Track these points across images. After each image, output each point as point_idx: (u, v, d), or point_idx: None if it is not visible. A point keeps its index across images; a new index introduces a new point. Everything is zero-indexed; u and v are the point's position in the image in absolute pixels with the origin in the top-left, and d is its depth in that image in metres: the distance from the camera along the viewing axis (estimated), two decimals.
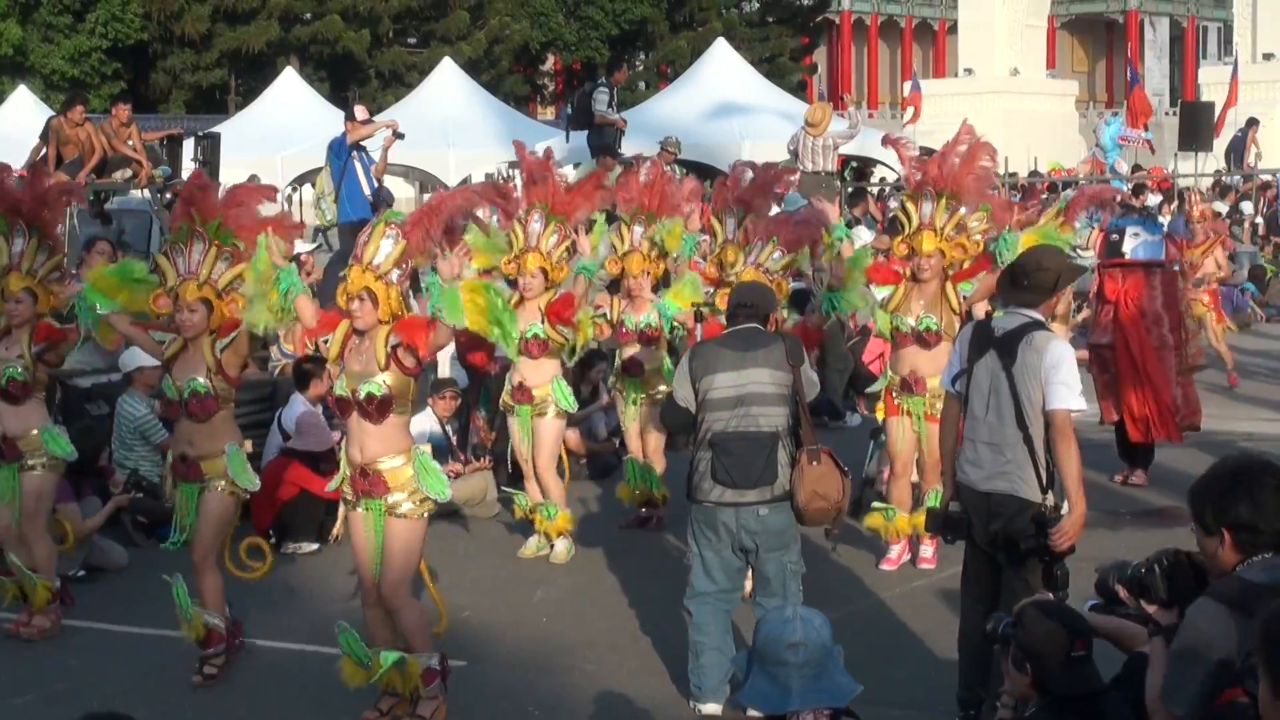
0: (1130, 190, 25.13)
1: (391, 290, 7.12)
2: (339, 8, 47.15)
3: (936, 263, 9.66)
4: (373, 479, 7.20)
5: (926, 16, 68.54)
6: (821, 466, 7.20)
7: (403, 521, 7.22)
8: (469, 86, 33.51)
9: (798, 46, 55.75)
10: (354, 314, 7.15)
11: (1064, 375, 6.54)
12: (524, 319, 9.95)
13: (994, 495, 6.69)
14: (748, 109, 28.12)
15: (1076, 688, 4.87)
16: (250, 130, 31.35)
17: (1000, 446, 6.66)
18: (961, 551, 6.89)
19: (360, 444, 7.23)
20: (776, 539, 7.28)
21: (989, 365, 6.69)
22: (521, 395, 10.25)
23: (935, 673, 8.08)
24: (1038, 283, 6.74)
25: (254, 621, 9.08)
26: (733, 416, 7.24)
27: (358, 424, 7.20)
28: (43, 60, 44.26)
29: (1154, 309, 11.95)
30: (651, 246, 11.01)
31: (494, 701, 7.84)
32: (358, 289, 7.13)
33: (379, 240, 7.18)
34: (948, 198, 9.71)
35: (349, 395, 7.20)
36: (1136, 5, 64.28)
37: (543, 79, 56.59)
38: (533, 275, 10.10)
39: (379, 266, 7.13)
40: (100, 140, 16.63)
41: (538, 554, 10.35)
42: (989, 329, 6.81)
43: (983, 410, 6.71)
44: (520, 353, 10.10)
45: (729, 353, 7.34)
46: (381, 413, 7.13)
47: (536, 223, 10.14)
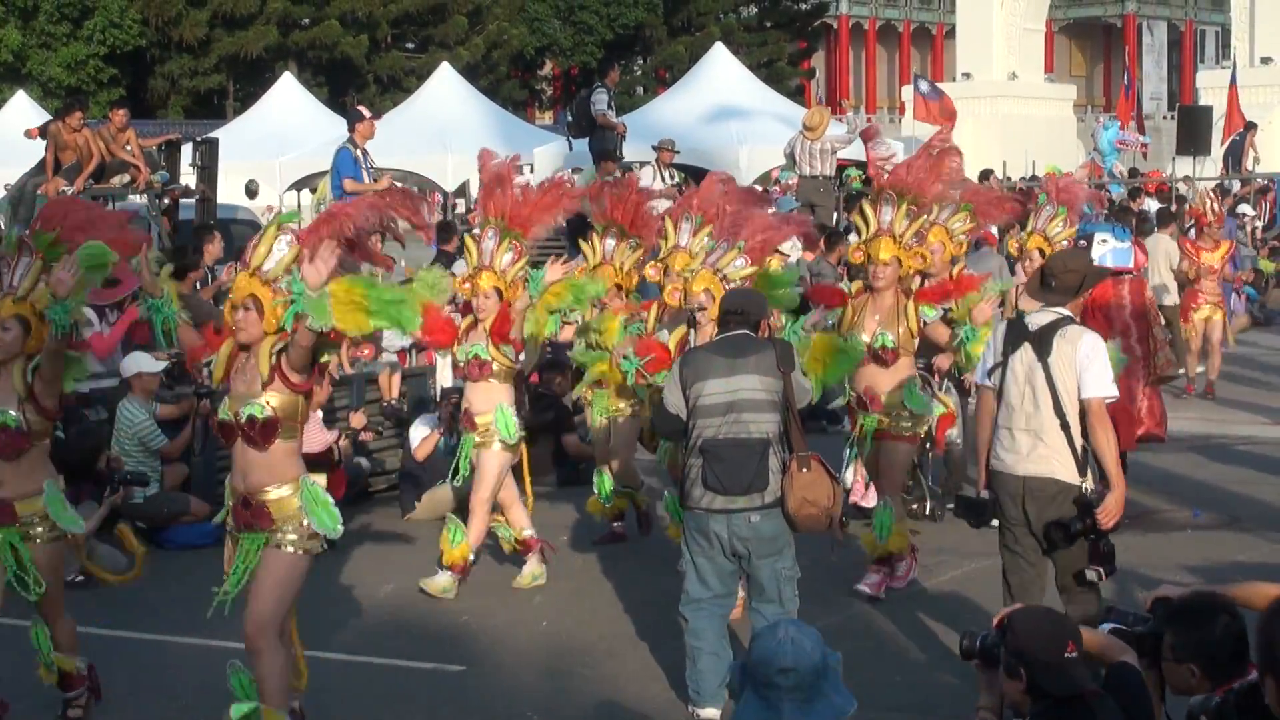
0: (1126, 195, 25.13)
1: (279, 298, 6.54)
2: (337, 13, 47.22)
3: (892, 271, 9.29)
4: (256, 510, 6.64)
5: (924, 21, 68.56)
6: (811, 473, 7.20)
7: (283, 555, 6.65)
8: (467, 92, 33.51)
9: (795, 51, 55.82)
10: (238, 324, 6.62)
11: (1098, 365, 7.09)
12: (471, 340, 9.58)
13: (1030, 479, 7.14)
14: (746, 113, 28.11)
15: (1069, 688, 4.89)
16: (248, 135, 31.35)
17: (1038, 433, 7.11)
18: (953, 557, 6.92)
19: (244, 471, 6.67)
20: (769, 545, 7.27)
21: (1025, 358, 7.16)
22: (467, 421, 9.73)
23: (932, 677, 8.08)
24: (1064, 284, 7.26)
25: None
26: (723, 423, 7.23)
27: (241, 450, 6.65)
28: (40, 67, 44.28)
29: (1122, 318, 11.60)
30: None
31: (493, 706, 7.84)
32: (242, 296, 6.58)
33: (270, 244, 6.60)
34: (909, 203, 9.36)
35: (231, 419, 6.64)
36: (1134, 9, 64.32)
37: (540, 84, 56.64)
38: (486, 295, 9.49)
39: (267, 272, 6.55)
40: (98, 145, 16.62)
41: (534, 584, 9.87)
42: (1023, 325, 7.27)
43: (1019, 400, 7.16)
44: (466, 375, 9.67)
45: (720, 359, 7.33)
46: (265, 437, 6.56)
47: (490, 239, 9.56)
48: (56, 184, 16.30)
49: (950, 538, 10.70)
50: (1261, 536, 10.68)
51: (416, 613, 9.36)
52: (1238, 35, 39.54)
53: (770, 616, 7.14)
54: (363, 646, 8.72)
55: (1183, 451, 13.31)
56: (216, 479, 11.44)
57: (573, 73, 53.60)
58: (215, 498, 11.23)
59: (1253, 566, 9.54)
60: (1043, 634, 4.98)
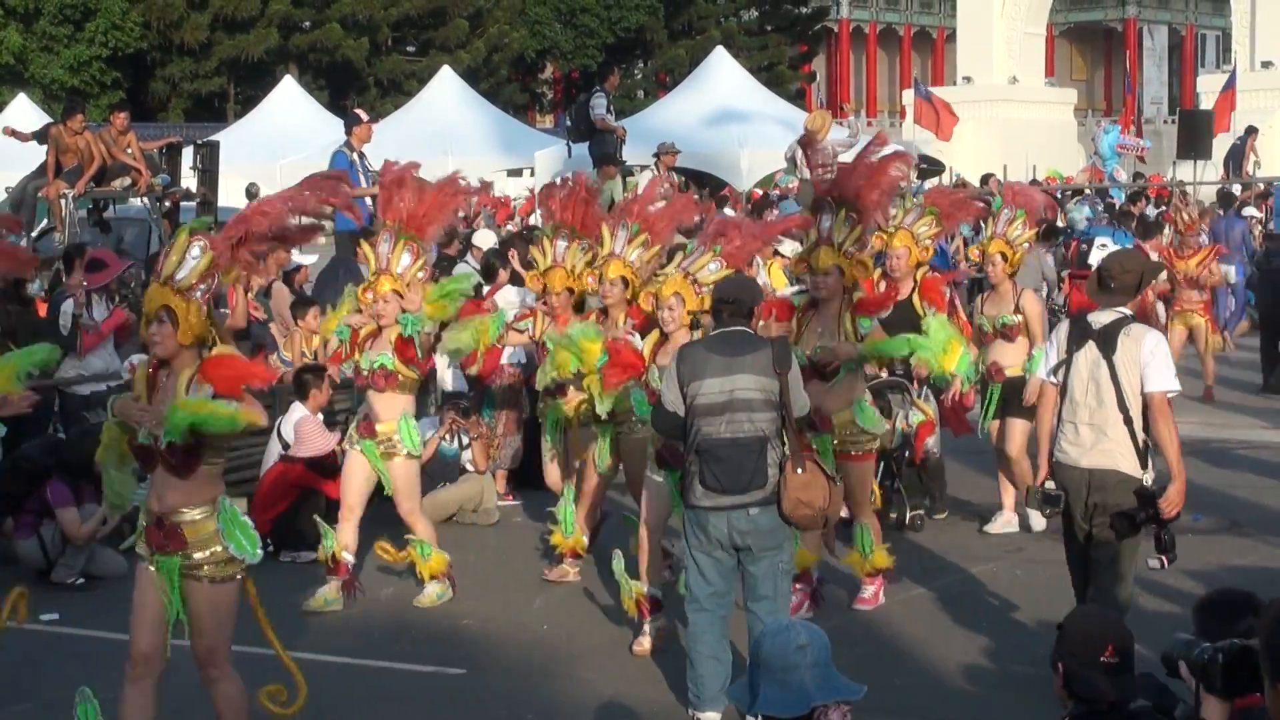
0: (1127, 199, 25.13)
1: (193, 307, 6.23)
2: (338, 16, 47.25)
3: (834, 281, 8.95)
4: (169, 531, 6.32)
5: (925, 25, 68.58)
6: (805, 474, 7.21)
7: (205, 586, 6.37)
8: (468, 95, 33.55)
9: (796, 55, 55.84)
10: (152, 338, 6.28)
11: (1160, 362, 7.43)
12: (375, 348, 9.30)
13: (1094, 471, 7.46)
14: (746, 117, 28.15)
15: (1099, 694, 4.77)
16: (249, 138, 31.41)
17: (1102, 427, 7.43)
18: (955, 561, 6.94)
19: (160, 493, 6.35)
20: (768, 538, 7.28)
21: (1089, 355, 7.46)
22: (365, 429, 9.43)
23: (935, 681, 8.08)
24: (1123, 284, 7.54)
25: (251, 630, 9.07)
26: (720, 422, 7.24)
27: (160, 472, 6.33)
28: (42, 70, 44.30)
29: None
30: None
31: (493, 709, 7.84)
32: (155, 308, 6.25)
33: (182, 251, 6.28)
34: (848, 210, 9.07)
35: (150, 444, 6.30)
36: (1135, 14, 64.32)
37: (541, 87, 56.66)
38: (386, 300, 9.21)
39: (180, 281, 6.24)
40: (99, 148, 16.64)
41: (326, 608, 9.42)
42: (1086, 324, 7.55)
43: (1083, 395, 7.47)
44: (370, 385, 9.34)
45: (716, 358, 7.31)
46: (188, 465, 6.25)
47: (386, 242, 9.30)
48: (58, 187, 16.32)
49: (952, 542, 10.71)
50: (1262, 541, 10.68)
51: (417, 616, 9.36)
52: (1238, 39, 39.55)
53: (764, 614, 7.17)
54: (363, 649, 8.73)
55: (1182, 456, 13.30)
56: None
57: (574, 76, 53.64)
58: None
59: (1253, 571, 9.54)
60: (1081, 634, 4.88)
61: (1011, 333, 10.94)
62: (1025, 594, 9.53)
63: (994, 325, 10.99)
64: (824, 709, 4.18)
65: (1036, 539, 10.89)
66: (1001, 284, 10.99)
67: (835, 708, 4.20)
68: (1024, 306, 10.95)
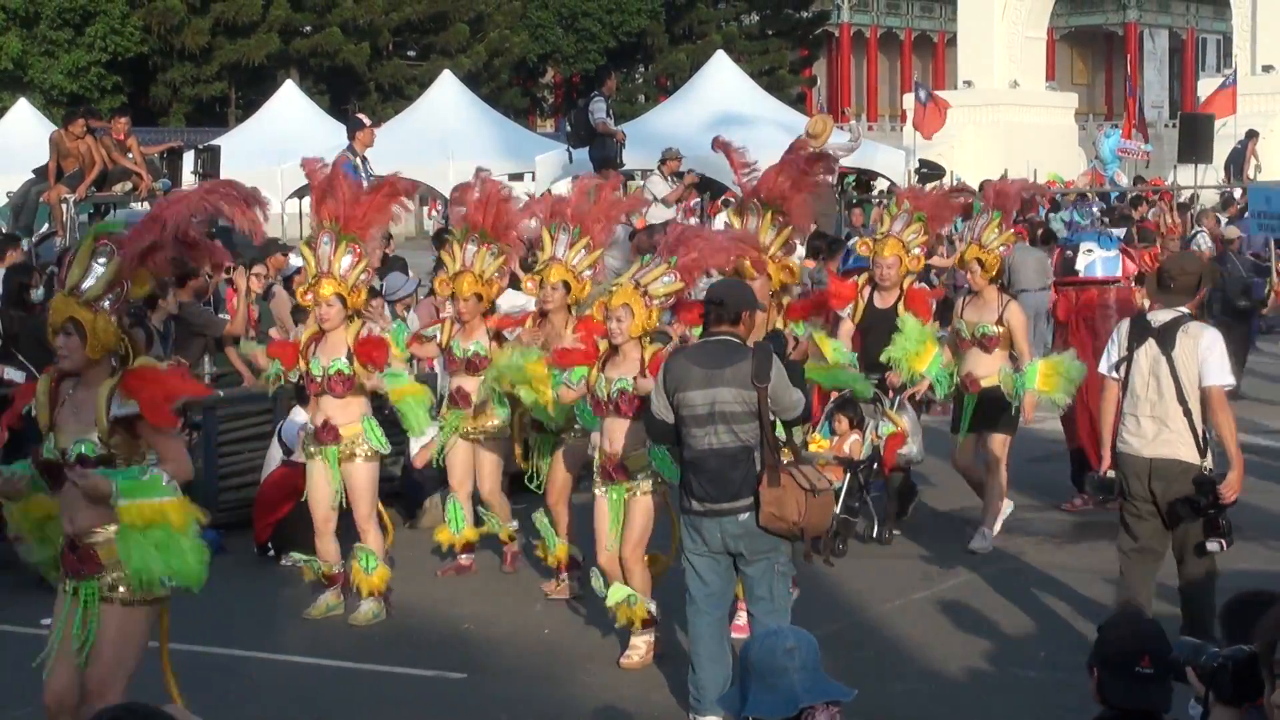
0: (1129, 203, 25.11)
1: (100, 319, 5.93)
2: (339, 20, 47.29)
3: (761, 285, 8.77)
4: (83, 554, 5.99)
5: (926, 29, 68.62)
6: (778, 489, 7.17)
7: (115, 609, 6.00)
8: (468, 99, 33.55)
9: (797, 59, 55.91)
10: (59, 351, 6.01)
11: (1217, 357, 7.85)
12: (326, 355, 9.11)
13: (1156, 460, 7.88)
14: (747, 121, 28.10)
15: (1128, 702, 4.72)
16: (250, 143, 31.40)
17: (1163, 419, 7.85)
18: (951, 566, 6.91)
19: (71, 514, 6.02)
20: (761, 541, 7.27)
21: (1149, 352, 7.89)
22: (327, 435, 9.17)
23: (933, 686, 8.08)
24: (1182, 285, 8.02)
25: (252, 634, 9.08)
26: (705, 434, 7.26)
27: (70, 491, 5.99)
28: (42, 75, 44.32)
29: (1107, 329, 11.07)
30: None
31: (494, 713, 7.83)
32: (61, 319, 5.96)
33: (87, 259, 5.99)
34: (774, 213, 8.89)
35: (58, 459, 6.01)
36: (1136, 17, 64.36)
37: (542, 92, 56.70)
38: (329, 304, 9.01)
39: (86, 291, 5.95)
40: (100, 153, 16.65)
41: (328, 614, 9.32)
42: (1146, 322, 7.99)
43: (1144, 389, 7.89)
44: (326, 391, 9.14)
45: (698, 370, 7.28)
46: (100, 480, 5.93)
47: (326, 245, 9.05)
48: (59, 191, 16.32)
49: (951, 546, 10.70)
50: (1262, 544, 10.67)
51: (418, 620, 9.36)
52: (1239, 43, 39.61)
53: (762, 615, 7.18)
54: (363, 654, 8.72)
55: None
56: (218, 486, 11.47)
57: (575, 80, 53.69)
58: (216, 505, 11.28)
59: (1254, 574, 9.51)
60: (1118, 641, 4.82)
61: (990, 343, 10.61)
62: (1025, 598, 9.52)
63: (972, 332, 10.68)
64: (811, 711, 4.19)
65: (1039, 541, 10.89)
66: (984, 290, 10.70)
67: (823, 709, 4.20)
68: (1008, 319, 10.62)
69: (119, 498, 5.85)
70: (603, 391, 8.29)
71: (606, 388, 8.27)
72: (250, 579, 10.28)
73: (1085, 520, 11.45)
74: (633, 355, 8.22)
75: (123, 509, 5.86)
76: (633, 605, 8.21)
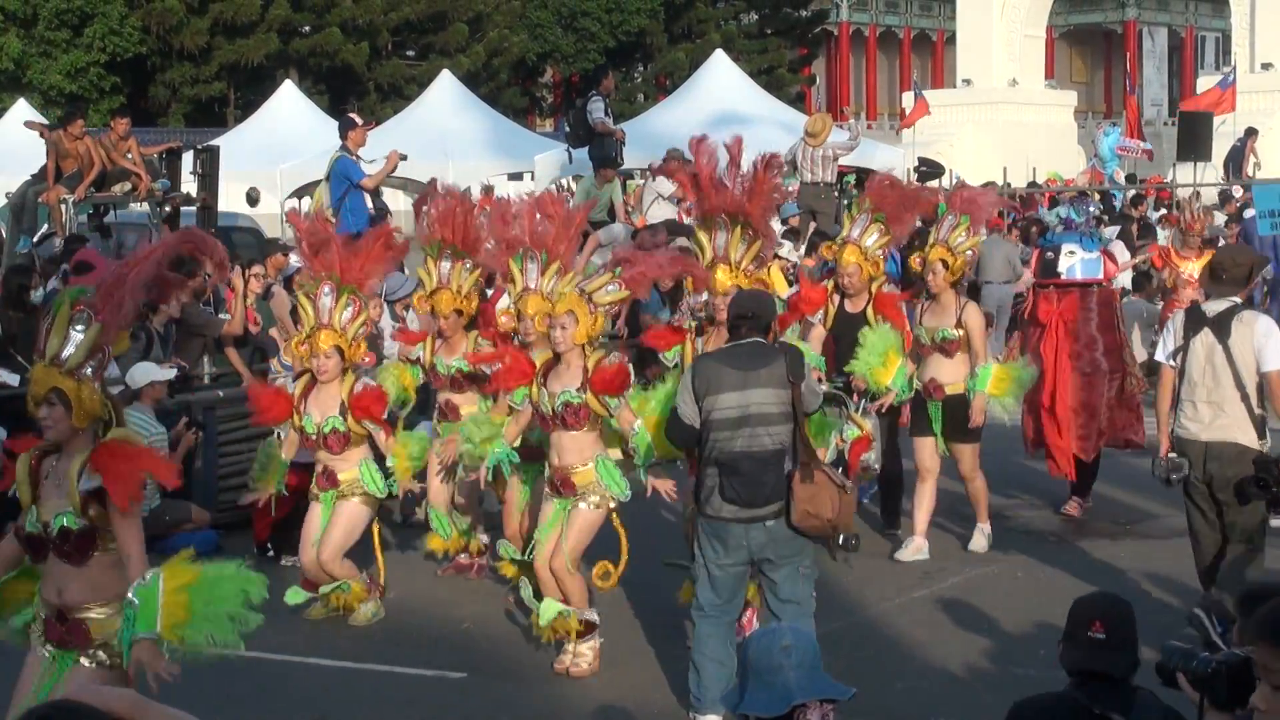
0: (1130, 200, 25.13)
1: (85, 388, 5.81)
2: (338, 20, 47.24)
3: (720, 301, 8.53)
4: (72, 627, 5.89)
5: (925, 27, 68.58)
6: (813, 485, 7.20)
7: (93, 670, 5.90)
8: (467, 99, 33.52)
9: (796, 58, 55.86)
10: (43, 422, 5.87)
11: (1274, 344, 8.24)
12: (319, 408, 9.08)
13: (1212, 444, 8.32)
14: (746, 120, 28.05)
15: (1077, 663, 4.81)
16: (249, 143, 31.38)
17: (1220, 404, 8.29)
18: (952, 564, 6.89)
19: (59, 585, 5.90)
20: (788, 545, 7.29)
21: (1205, 341, 8.33)
22: (327, 482, 9.24)
23: (937, 683, 8.09)
24: (1234, 276, 8.41)
25: (251, 634, 9.06)
26: (738, 436, 7.24)
27: (55, 562, 5.90)
28: (41, 75, 44.31)
29: (1088, 332, 11.29)
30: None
31: (494, 713, 7.84)
32: (44, 390, 5.83)
33: (64, 328, 5.85)
34: (742, 226, 8.69)
35: (39, 531, 5.88)
36: (1135, 16, 64.31)
37: (541, 91, 56.69)
38: (327, 356, 8.96)
39: (67, 360, 5.83)
40: (99, 154, 16.64)
41: (328, 614, 9.35)
42: (1201, 312, 8.46)
43: (1201, 376, 8.33)
44: (321, 447, 9.14)
45: (731, 372, 7.29)
46: (82, 551, 5.83)
47: (327, 296, 9.01)
48: (58, 192, 16.32)
49: (951, 545, 10.70)
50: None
51: (418, 620, 9.36)
52: (1238, 41, 39.58)
53: (789, 618, 7.14)
54: (364, 653, 8.73)
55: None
56: (217, 486, 11.47)
57: (574, 80, 53.64)
58: (216, 505, 11.29)
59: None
60: (1078, 610, 4.92)
61: (951, 348, 10.41)
62: (1025, 597, 9.54)
63: (932, 338, 10.47)
64: (803, 708, 4.19)
65: (1037, 542, 10.90)
66: (943, 294, 10.43)
67: (816, 707, 4.20)
68: (966, 321, 10.38)
69: (152, 628, 5.71)
70: (547, 406, 8.18)
71: (550, 402, 8.16)
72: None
73: (1083, 519, 11.46)
74: (575, 364, 8.12)
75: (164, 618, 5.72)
76: (566, 618, 8.15)
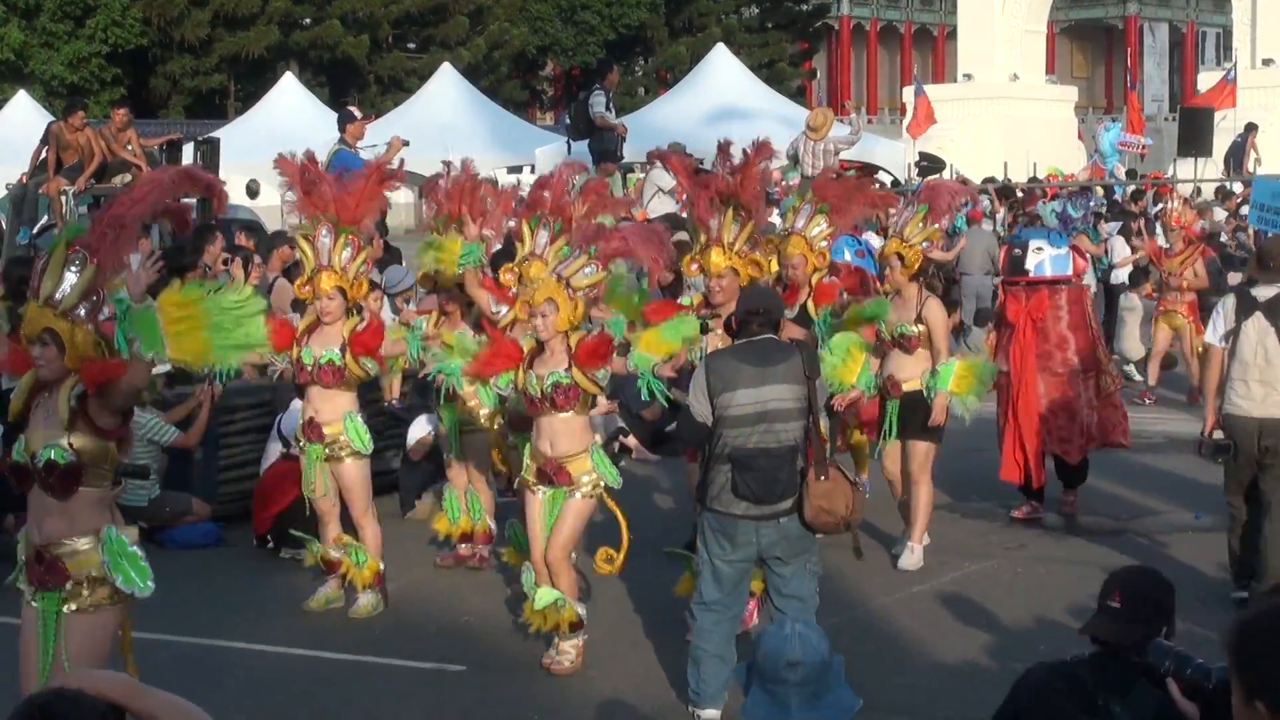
0: (1129, 196, 25.11)
1: (79, 329, 5.83)
2: (338, 13, 47.26)
3: (730, 283, 8.62)
4: (49, 565, 5.87)
5: (926, 22, 68.58)
6: (828, 482, 7.19)
7: (79, 617, 5.88)
8: (468, 92, 33.55)
9: (797, 52, 55.88)
10: (36, 361, 5.90)
11: None
12: (320, 345, 9.02)
13: (1265, 420, 8.91)
14: (747, 114, 28.11)
15: (1089, 630, 4.77)
16: (249, 135, 31.38)
17: (1272, 383, 8.88)
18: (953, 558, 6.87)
19: (39, 520, 5.93)
20: (798, 543, 7.28)
21: (1257, 325, 8.90)
22: (311, 431, 9.12)
23: (937, 679, 8.08)
24: None
25: (252, 627, 9.08)
26: (753, 432, 7.21)
27: (38, 497, 5.91)
28: (42, 66, 44.32)
29: (1058, 331, 11.06)
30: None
31: (495, 707, 7.84)
32: (37, 330, 5.84)
33: (59, 269, 5.86)
34: (735, 208, 8.63)
35: (26, 462, 5.90)
36: (1136, 11, 64.33)
37: (542, 84, 56.68)
38: (330, 296, 8.94)
39: (61, 301, 5.84)
40: (100, 145, 16.64)
41: (328, 607, 9.33)
42: (1251, 297, 8.98)
43: (1252, 357, 8.90)
44: (315, 380, 9.06)
45: (747, 368, 7.26)
46: (66, 485, 5.82)
47: (326, 236, 8.96)
48: (58, 183, 16.32)
49: (950, 540, 10.70)
50: None
51: (418, 612, 9.36)
52: (1239, 37, 39.53)
53: (793, 613, 7.12)
54: (364, 646, 8.72)
55: (1185, 454, 13.30)
56: (218, 479, 11.47)
57: (574, 73, 53.62)
58: (216, 498, 11.29)
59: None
60: (1111, 575, 4.90)
61: (910, 344, 10.10)
62: (1026, 591, 9.53)
63: (891, 333, 10.12)
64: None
65: (1039, 535, 10.90)
66: (904, 288, 10.11)
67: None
68: (927, 316, 10.06)
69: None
70: (535, 389, 8.06)
71: (539, 385, 8.04)
72: (250, 571, 10.29)
73: (1084, 516, 11.45)
74: (560, 349, 8.05)
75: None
76: (560, 609, 8.11)
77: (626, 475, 9.50)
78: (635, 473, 9.54)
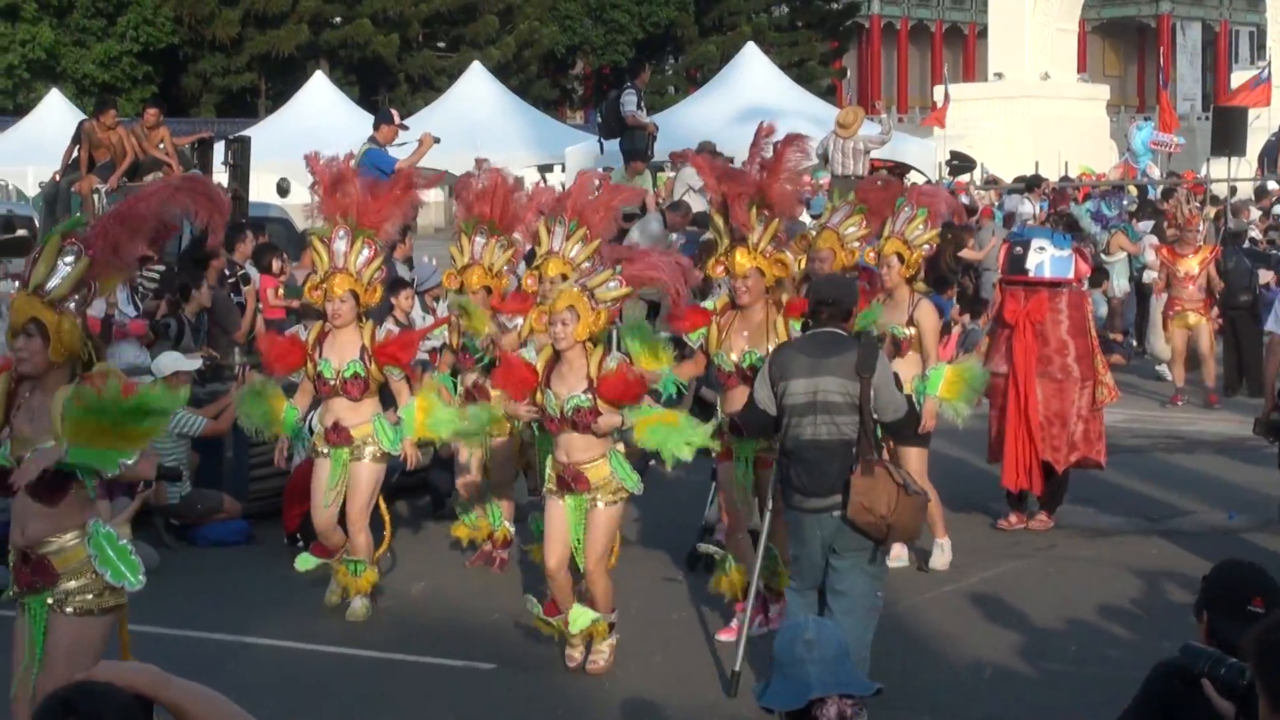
0: (1162, 195, 25.01)
1: (65, 321, 5.61)
2: (369, 12, 47.37)
3: (755, 284, 8.41)
4: (36, 565, 5.72)
5: (957, 20, 68.41)
6: (872, 479, 7.13)
7: (68, 620, 5.73)
8: (498, 90, 33.58)
9: (827, 51, 55.76)
10: (19, 353, 5.66)
11: None
12: (337, 356, 8.87)
13: None
14: (777, 113, 27.91)
15: (1239, 639, 4.68)
16: (280, 134, 31.47)
17: None
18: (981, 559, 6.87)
19: (23, 523, 5.77)
20: (854, 539, 7.19)
21: None
22: (337, 437, 8.98)
23: (963, 678, 8.06)
24: None
25: (280, 623, 9.10)
26: (807, 423, 7.25)
27: (22, 500, 5.74)
28: (74, 65, 44.54)
29: (1058, 335, 10.79)
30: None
31: (523, 705, 7.84)
32: (23, 320, 5.63)
33: (53, 258, 5.67)
34: (759, 208, 8.47)
35: (12, 466, 5.68)
36: (1169, 9, 64.07)
37: (571, 83, 56.72)
38: (342, 300, 8.76)
39: (51, 291, 5.64)
40: (132, 143, 16.69)
41: (344, 598, 9.28)
42: None
43: None
44: (339, 394, 8.92)
45: (804, 358, 7.31)
46: (54, 494, 5.68)
47: (342, 240, 8.84)
48: (90, 182, 16.38)
49: (978, 541, 10.66)
50: None
51: (447, 611, 9.36)
52: (1273, 36, 39.37)
53: (838, 611, 7.12)
54: (393, 644, 8.73)
55: (1215, 454, 13.24)
56: (249, 476, 11.50)
57: (604, 72, 53.63)
58: (247, 495, 11.32)
59: None
60: (1229, 584, 4.79)
61: (901, 346, 9.84)
62: (1056, 592, 9.49)
63: (882, 336, 9.63)
64: (821, 702, 4.16)
65: (1069, 535, 10.85)
66: (897, 289, 9.90)
67: (835, 702, 4.16)
68: (918, 319, 9.84)
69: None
70: (554, 409, 7.88)
71: (558, 405, 7.86)
72: (279, 569, 10.30)
73: (1116, 515, 11.40)
74: (578, 364, 7.83)
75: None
76: (597, 624, 8.05)
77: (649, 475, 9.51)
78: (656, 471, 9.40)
